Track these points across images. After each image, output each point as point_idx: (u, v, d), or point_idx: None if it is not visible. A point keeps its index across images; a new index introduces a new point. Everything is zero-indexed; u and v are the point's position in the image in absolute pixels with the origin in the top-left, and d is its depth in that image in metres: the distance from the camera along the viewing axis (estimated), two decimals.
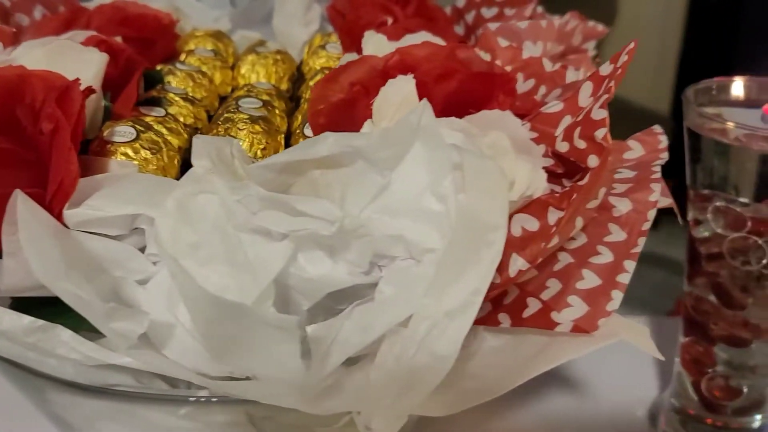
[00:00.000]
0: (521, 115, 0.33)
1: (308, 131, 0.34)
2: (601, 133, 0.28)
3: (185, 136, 0.34)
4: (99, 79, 0.32)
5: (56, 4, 0.42)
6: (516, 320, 0.30)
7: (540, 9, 0.47)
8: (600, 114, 0.28)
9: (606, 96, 0.28)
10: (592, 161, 0.29)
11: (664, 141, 0.36)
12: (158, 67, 0.40)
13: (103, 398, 0.30)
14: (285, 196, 0.27)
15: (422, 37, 0.38)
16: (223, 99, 0.41)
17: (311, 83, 0.39)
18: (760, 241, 0.43)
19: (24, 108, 0.30)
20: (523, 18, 0.46)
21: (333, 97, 0.33)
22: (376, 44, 0.37)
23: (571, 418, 0.52)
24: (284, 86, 0.43)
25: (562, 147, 0.30)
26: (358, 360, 0.29)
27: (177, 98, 0.36)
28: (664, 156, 0.35)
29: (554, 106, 0.32)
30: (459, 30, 0.49)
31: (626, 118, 0.37)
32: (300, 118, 0.36)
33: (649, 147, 0.35)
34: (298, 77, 0.44)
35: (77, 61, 0.31)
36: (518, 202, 0.30)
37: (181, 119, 0.36)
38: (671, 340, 0.48)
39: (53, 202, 0.27)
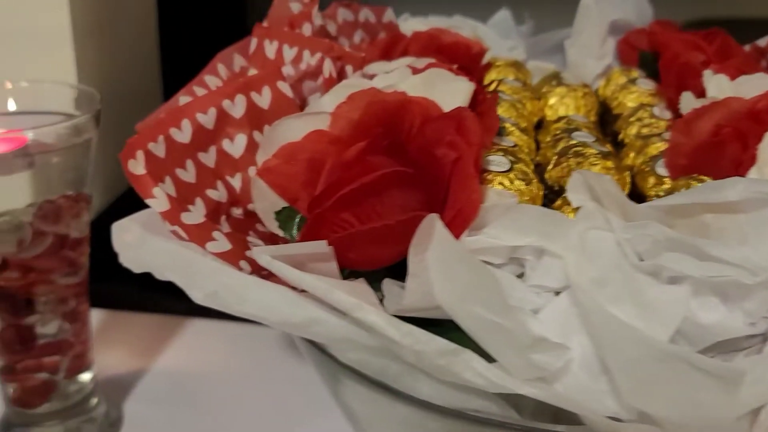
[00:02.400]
0: None
1: (660, 170, 0.34)
2: None
3: (532, 166, 0.34)
4: (465, 107, 0.32)
5: (377, 30, 0.44)
6: None
7: None
8: None
9: None
10: None
11: None
12: None
13: (455, 420, 0.31)
14: (695, 239, 0.26)
15: (761, 78, 0.37)
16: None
17: (636, 120, 0.39)
18: None
19: (401, 132, 0.31)
20: None
21: (696, 138, 0.32)
22: (717, 84, 0.36)
23: None
24: (591, 120, 0.42)
25: None
26: None
27: (512, 128, 0.37)
28: None
29: None
30: None
31: None
32: (643, 155, 0.36)
33: None
34: (602, 112, 0.44)
35: (448, 89, 0.32)
36: None
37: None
38: None
39: (450, 227, 0.28)
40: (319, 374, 0.38)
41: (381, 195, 0.28)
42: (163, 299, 0.69)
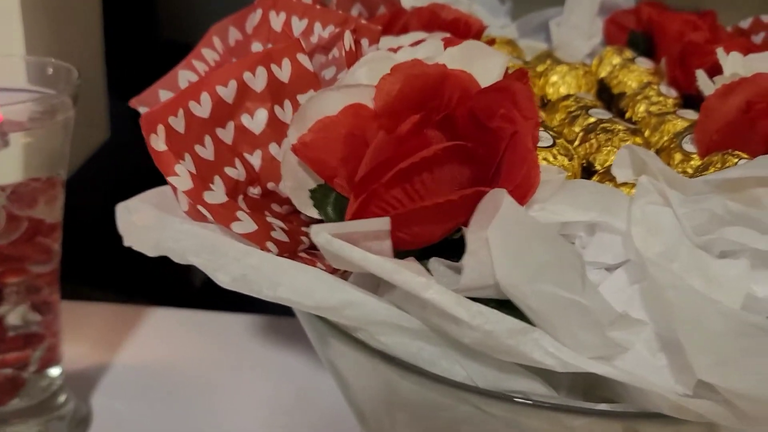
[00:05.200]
0: None
1: (687, 147, 0.34)
2: None
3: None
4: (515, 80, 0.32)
5: (377, 4, 0.42)
6: None
7: None
8: None
9: None
10: None
11: None
12: None
13: (493, 404, 0.30)
14: (761, 212, 0.26)
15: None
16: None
17: (644, 99, 0.39)
18: None
19: (441, 106, 0.30)
20: None
21: (727, 115, 0.32)
22: (734, 62, 0.36)
23: None
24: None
25: None
26: None
27: None
28: None
29: None
30: None
31: None
32: (661, 133, 0.36)
33: None
34: (598, 90, 0.44)
35: (484, 63, 0.31)
36: None
37: None
38: None
39: None
40: (331, 361, 0.36)
41: (433, 170, 0.27)
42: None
